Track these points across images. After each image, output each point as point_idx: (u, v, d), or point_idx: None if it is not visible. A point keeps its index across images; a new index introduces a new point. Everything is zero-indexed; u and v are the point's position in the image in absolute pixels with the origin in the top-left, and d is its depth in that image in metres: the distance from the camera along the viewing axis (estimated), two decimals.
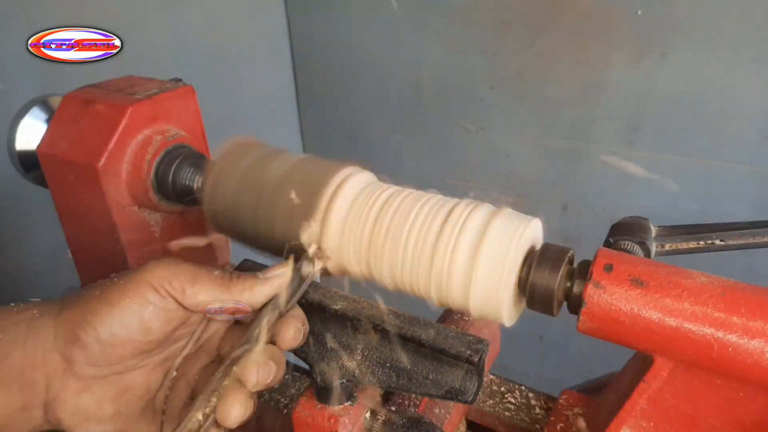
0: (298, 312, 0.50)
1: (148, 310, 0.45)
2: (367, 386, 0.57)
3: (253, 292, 0.48)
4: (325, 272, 0.56)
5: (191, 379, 0.51)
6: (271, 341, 0.48)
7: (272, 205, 0.55)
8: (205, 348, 0.52)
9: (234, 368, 0.45)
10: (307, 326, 0.51)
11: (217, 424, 0.44)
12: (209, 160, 0.70)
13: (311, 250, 0.53)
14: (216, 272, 0.48)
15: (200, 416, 0.44)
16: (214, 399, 0.44)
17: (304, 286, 0.51)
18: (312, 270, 0.52)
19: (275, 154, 0.60)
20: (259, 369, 0.45)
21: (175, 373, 0.51)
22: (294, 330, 0.48)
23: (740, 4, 1.24)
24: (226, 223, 0.60)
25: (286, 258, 0.52)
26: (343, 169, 0.56)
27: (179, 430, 0.43)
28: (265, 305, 0.49)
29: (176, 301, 0.46)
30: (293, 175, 0.56)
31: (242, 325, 0.52)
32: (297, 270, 0.51)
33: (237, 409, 0.43)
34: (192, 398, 0.49)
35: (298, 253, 0.53)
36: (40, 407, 0.45)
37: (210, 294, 0.47)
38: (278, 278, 0.49)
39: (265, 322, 0.47)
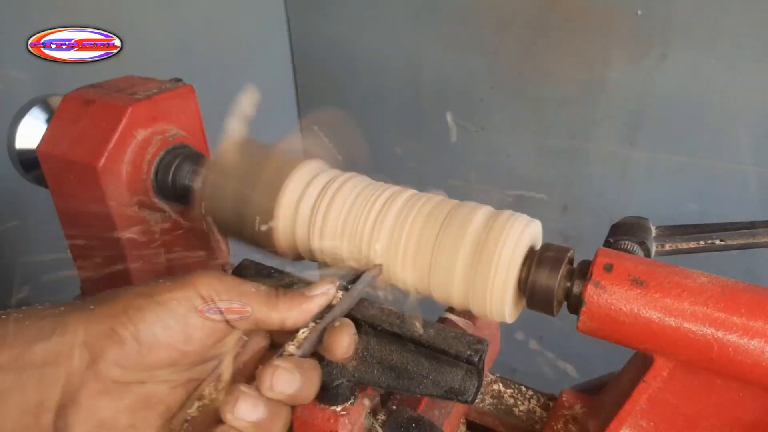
0: (347, 323, 0.48)
1: (194, 317, 0.44)
2: (367, 386, 0.57)
3: (301, 310, 0.47)
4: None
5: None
6: (317, 354, 0.47)
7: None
8: (240, 373, 0.50)
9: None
10: (355, 337, 0.48)
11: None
12: (208, 159, 0.70)
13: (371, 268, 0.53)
14: (262, 288, 0.47)
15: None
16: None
17: (352, 302, 0.50)
18: (368, 285, 0.52)
19: (273, 151, 0.60)
20: (275, 373, 0.42)
21: (204, 400, 0.48)
22: (347, 339, 0.47)
23: (740, 4, 1.24)
24: (225, 223, 0.60)
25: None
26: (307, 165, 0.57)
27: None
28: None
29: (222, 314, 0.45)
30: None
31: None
32: (344, 287, 0.50)
33: (229, 401, 0.41)
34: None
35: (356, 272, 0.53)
36: (53, 410, 0.42)
37: (257, 310, 0.46)
38: (324, 296, 0.48)
39: (301, 333, 0.47)
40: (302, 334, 0.46)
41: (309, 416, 0.56)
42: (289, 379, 0.42)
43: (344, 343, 0.46)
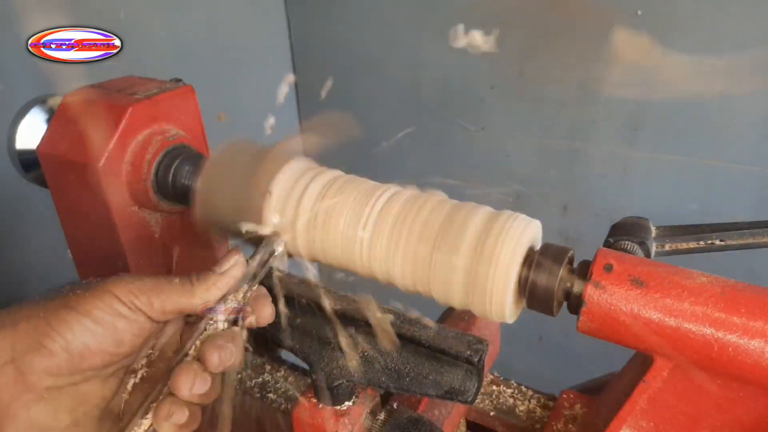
0: (263, 291, 0.52)
1: (121, 321, 0.45)
2: (367, 386, 0.57)
3: (218, 287, 0.49)
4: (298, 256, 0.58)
5: (153, 382, 0.50)
6: (236, 325, 0.50)
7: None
8: (161, 353, 0.51)
9: (191, 352, 0.47)
10: (272, 304, 0.52)
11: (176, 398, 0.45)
12: (207, 159, 0.70)
13: (267, 233, 0.55)
14: (176, 280, 0.48)
15: (162, 390, 0.45)
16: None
17: (264, 270, 0.52)
18: (270, 252, 0.54)
19: (273, 151, 0.60)
20: (222, 352, 0.46)
21: (132, 381, 0.50)
22: (269, 308, 0.51)
23: (740, 4, 1.24)
24: (223, 223, 0.60)
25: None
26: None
27: (145, 405, 0.45)
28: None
29: (145, 314, 0.46)
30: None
31: (192, 325, 0.52)
32: (256, 254, 0.52)
33: (186, 380, 0.44)
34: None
35: (256, 239, 0.55)
36: None
37: (177, 302, 0.47)
38: (235, 267, 0.50)
39: (224, 308, 0.49)
40: (224, 308, 0.49)
41: (309, 416, 0.56)
42: (231, 353, 0.47)
43: (268, 311, 0.51)
